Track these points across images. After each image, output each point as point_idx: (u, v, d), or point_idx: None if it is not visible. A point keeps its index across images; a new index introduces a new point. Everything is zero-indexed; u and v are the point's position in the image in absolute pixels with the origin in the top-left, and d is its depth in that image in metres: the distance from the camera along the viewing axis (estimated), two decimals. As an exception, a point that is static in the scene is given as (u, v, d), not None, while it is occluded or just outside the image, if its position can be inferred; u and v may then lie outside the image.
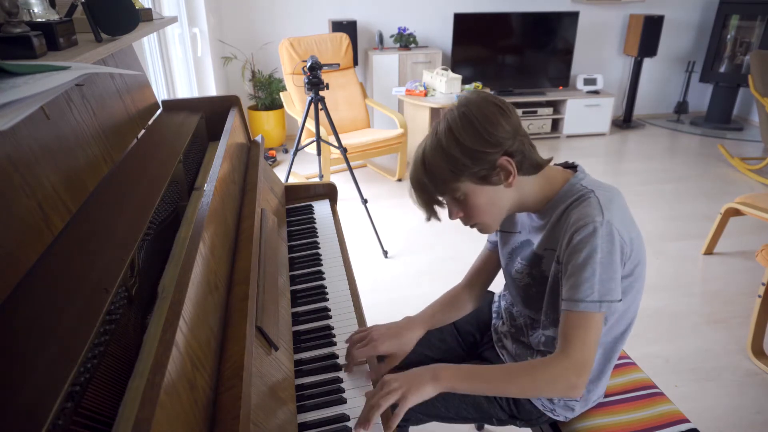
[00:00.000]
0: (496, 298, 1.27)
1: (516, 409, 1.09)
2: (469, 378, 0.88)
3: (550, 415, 1.08)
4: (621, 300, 0.89)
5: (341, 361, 0.99)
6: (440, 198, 0.97)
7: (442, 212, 1.01)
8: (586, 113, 4.65)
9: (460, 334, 1.27)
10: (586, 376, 0.86)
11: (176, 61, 3.15)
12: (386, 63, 4.33)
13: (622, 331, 1.02)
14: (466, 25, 4.39)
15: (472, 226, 0.99)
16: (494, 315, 1.24)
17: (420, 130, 3.86)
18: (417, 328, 1.08)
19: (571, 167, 1.01)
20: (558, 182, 0.97)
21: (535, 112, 4.55)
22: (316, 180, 2.41)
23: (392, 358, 1.04)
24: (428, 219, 1.01)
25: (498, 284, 1.18)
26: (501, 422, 1.12)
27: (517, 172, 0.92)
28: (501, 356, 1.16)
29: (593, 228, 0.87)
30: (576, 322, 0.87)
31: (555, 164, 1.03)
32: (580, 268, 0.87)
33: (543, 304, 1.01)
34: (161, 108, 1.43)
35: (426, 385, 0.86)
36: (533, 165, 0.94)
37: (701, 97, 5.27)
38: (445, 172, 0.91)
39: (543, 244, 0.99)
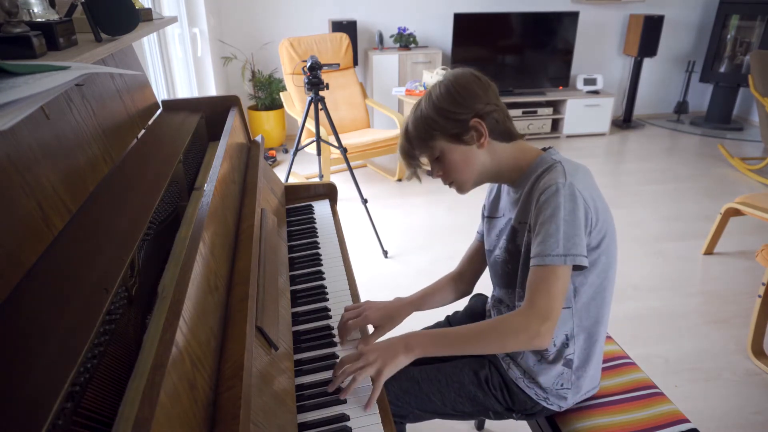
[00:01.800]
0: (488, 300, 1.28)
1: (511, 400, 1.10)
2: (440, 342, 0.95)
3: (543, 404, 1.09)
4: (587, 257, 0.93)
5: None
6: (420, 157, 1.06)
7: (424, 179, 1.13)
8: (586, 113, 4.65)
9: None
10: (550, 325, 0.89)
11: (176, 61, 3.15)
12: (386, 63, 4.33)
13: (599, 308, 1.05)
14: (466, 25, 4.39)
15: (450, 185, 1.07)
16: (486, 314, 1.25)
17: (420, 130, 3.86)
18: (406, 309, 1.16)
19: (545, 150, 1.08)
20: (532, 155, 1.04)
21: (535, 112, 4.55)
22: (316, 180, 2.41)
23: (380, 328, 1.10)
24: (409, 178, 1.11)
25: (490, 287, 1.18)
26: (498, 415, 1.12)
27: (489, 135, 1.00)
28: None
29: (556, 188, 0.93)
30: (541, 275, 0.91)
31: None
32: (545, 224, 0.92)
33: (518, 278, 1.06)
34: (161, 108, 1.43)
35: (399, 355, 0.92)
36: (506, 131, 1.03)
37: (701, 97, 5.27)
38: (422, 132, 1.02)
39: (518, 217, 1.04)
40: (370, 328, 1.10)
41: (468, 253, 1.28)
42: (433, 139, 1.01)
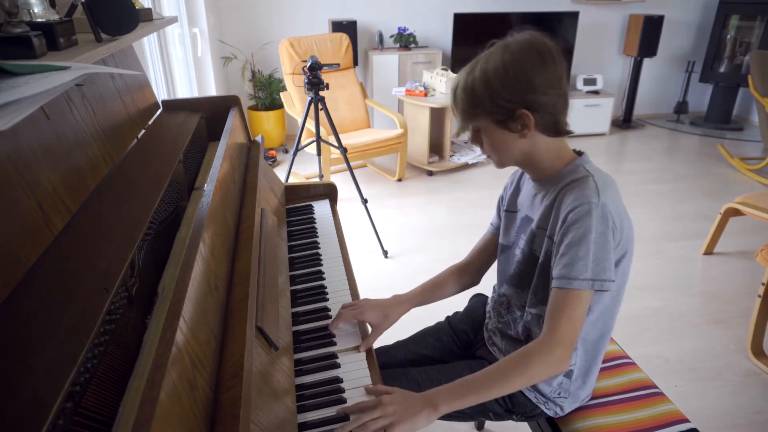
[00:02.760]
0: (489, 300, 1.28)
1: (510, 402, 1.10)
2: (465, 394, 0.88)
3: (542, 407, 1.09)
4: (614, 281, 0.91)
5: (341, 360, 0.99)
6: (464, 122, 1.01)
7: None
8: (585, 113, 4.65)
9: (455, 334, 1.28)
10: (570, 350, 0.90)
11: (176, 61, 3.15)
12: (386, 63, 4.33)
13: (606, 324, 1.04)
14: (466, 25, 4.39)
15: (488, 157, 1.04)
16: (486, 315, 1.25)
17: (420, 130, 3.86)
18: (404, 305, 1.13)
19: (578, 153, 1.04)
20: (568, 158, 1.00)
21: (535, 112, 4.55)
22: (316, 180, 2.41)
23: (377, 328, 1.08)
24: (457, 134, 1.11)
25: (489, 287, 1.18)
26: (498, 416, 1.12)
27: (535, 126, 0.93)
28: (492, 353, 1.16)
29: (588, 208, 0.89)
30: (566, 300, 0.89)
31: None
32: (575, 247, 0.89)
33: (532, 284, 1.04)
34: (161, 108, 1.43)
35: (420, 414, 0.85)
36: (554, 126, 0.95)
37: (701, 97, 5.27)
38: (466, 104, 0.96)
39: (539, 221, 1.01)
40: (370, 329, 1.10)
41: (479, 245, 1.25)
42: (475, 116, 0.97)
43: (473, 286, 1.25)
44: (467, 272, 1.24)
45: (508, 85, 0.91)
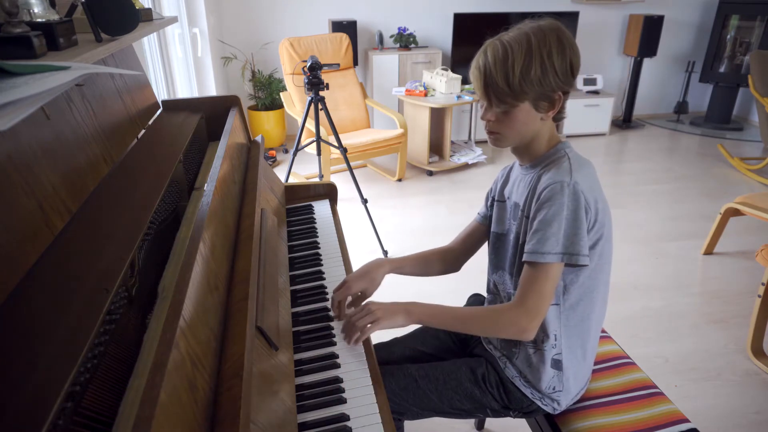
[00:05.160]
0: (485, 302, 1.28)
1: (507, 399, 1.10)
2: (437, 315, 1.02)
3: (539, 403, 1.09)
4: (588, 256, 0.94)
5: (341, 360, 0.99)
6: (491, 96, 0.98)
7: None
8: (585, 113, 4.65)
9: (453, 332, 1.28)
10: (537, 321, 0.96)
11: (176, 61, 3.15)
12: (386, 63, 4.33)
13: (586, 310, 1.04)
14: (466, 25, 4.39)
15: (490, 133, 1.04)
16: None
17: (420, 130, 3.86)
18: (383, 266, 1.19)
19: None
20: (555, 141, 1.05)
21: (535, 112, 4.55)
22: (316, 180, 2.41)
23: (365, 292, 1.14)
24: (477, 100, 1.10)
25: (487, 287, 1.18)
26: (495, 413, 1.12)
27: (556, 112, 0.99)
28: (489, 350, 1.17)
29: (561, 186, 0.94)
30: (534, 274, 0.95)
31: None
32: (547, 224, 0.94)
33: (509, 263, 1.09)
34: (161, 108, 1.43)
35: (398, 314, 1.00)
36: (562, 110, 1.01)
37: (701, 97, 5.27)
38: (515, 87, 0.94)
39: (522, 206, 1.05)
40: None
41: (464, 232, 1.28)
42: (521, 98, 0.96)
43: (453, 272, 1.29)
44: (448, 258, 1.28)
45: (562, 71, 0.95)
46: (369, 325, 0.98)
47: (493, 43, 0.98)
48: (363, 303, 1.03)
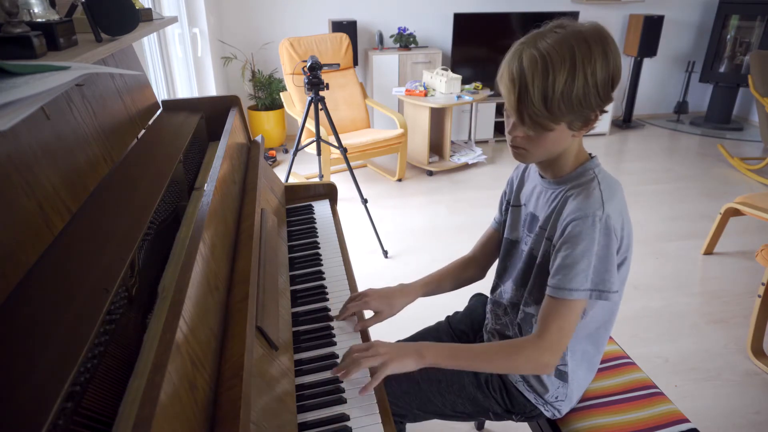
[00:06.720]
0: (488, 302, 1.28)
1: (510, 403, 1.10)
2: (451, 357, 0.94)
3: (541, 409, 1.09)
4: (617, 291, 0.91)
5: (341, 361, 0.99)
6: (525, 116, 0.87)
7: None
8: (586, 113, 4.64)
9: (455, 334, 1.28)
10: (557, 357, 0.92)
11: (176, 61, 3.15)
12: (386, 63, 4.33)
13: (600, 330, 1.04)
14: (466, 25, 4.39)
15: (515, 147, 0.95)
16: (486, 317, 1.25)
17: (420, 130, 3.86)
18: (409, 295, 1.13)
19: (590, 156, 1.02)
20: (583, 158, 0.98)
21: (535, 112, 4.54)
22: (316, 180, 2.41)
23: (379, 315, 1.09)
24: (508, 115, 0.94)
25: (489, 287, 1.18)
26: (498, 417, 1.12)
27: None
28: None
29: (592, 221, 0.88)
30: (560, 309, 0.90)
31: None
32: (577, 260, 0.88)
33: (529, 283, 1.04)
34: (161, 108, 1.43)
35: (409, 357, 0.91)
36: (591, 126, 0.93)
37: (701, 97, 5.27)
38: (553, 108, 0.84)
39: (542, 222, 1.00)
40: (368, 314, 1.10)
41: (482, 240, 1.24)
42: (555, 123, 0.86)
43: (478, 280, 1.25)
44: (471, 266, 1.24)
45: (604, 88, 0.86)
46: (378, 373, 0.90)
47: (529, 50, 0.84)
48: (370, 342, 0.94)
